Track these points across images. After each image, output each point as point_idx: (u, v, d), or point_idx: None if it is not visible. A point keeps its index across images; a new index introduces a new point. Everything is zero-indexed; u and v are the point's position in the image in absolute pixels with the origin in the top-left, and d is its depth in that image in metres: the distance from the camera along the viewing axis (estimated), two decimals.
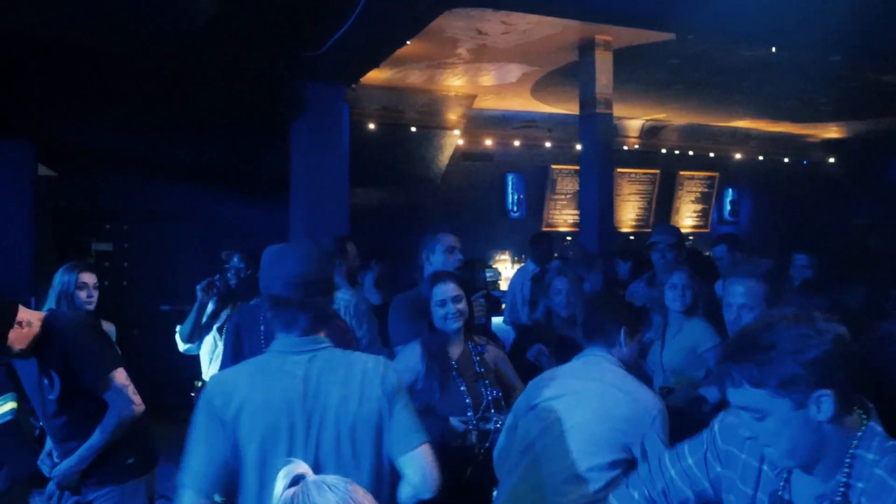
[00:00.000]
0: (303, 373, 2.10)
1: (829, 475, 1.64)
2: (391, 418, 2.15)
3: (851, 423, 1.64)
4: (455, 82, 9.53)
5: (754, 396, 1.62)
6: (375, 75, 8.44)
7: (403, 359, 3.39)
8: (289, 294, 2.12)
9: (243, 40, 6.41)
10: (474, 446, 3.29)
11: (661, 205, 12.83)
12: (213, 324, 4.97)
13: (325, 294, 2.23)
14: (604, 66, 7.73)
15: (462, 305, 3.41)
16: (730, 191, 13.66)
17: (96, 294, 4.51)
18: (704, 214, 13.35)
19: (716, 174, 13.27)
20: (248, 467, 2.05)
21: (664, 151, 12.67)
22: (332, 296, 2.37)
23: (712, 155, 13.07)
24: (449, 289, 3.38)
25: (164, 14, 5.67)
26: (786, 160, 13.74)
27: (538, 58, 8.43)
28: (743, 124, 12.65)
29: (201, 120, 7.54)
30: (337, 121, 7.50)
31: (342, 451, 2.08)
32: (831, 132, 13.35)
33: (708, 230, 13.07)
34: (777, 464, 1.73)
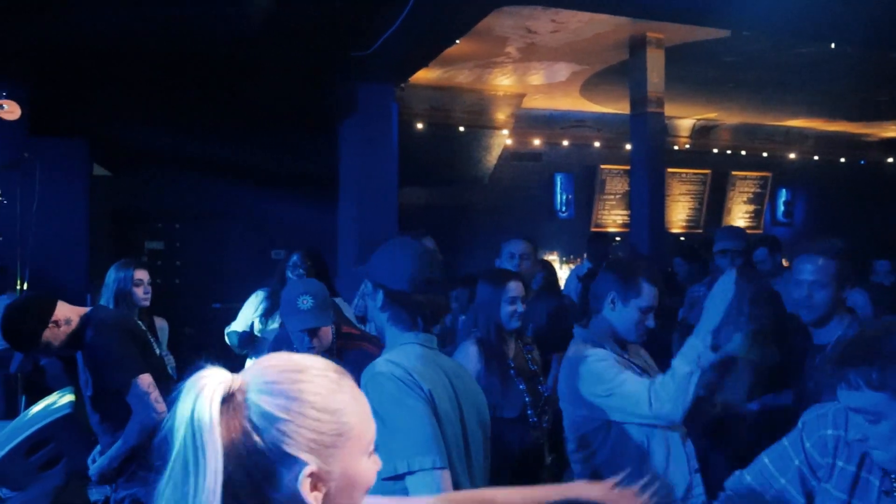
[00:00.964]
0: (443, 369, 2.10)
1: None
2: None
3: None
4: (503, 81, 9.49)
5: (872, 399, 1.62)
6: (424, 75, 8.45)
7: (462, 359, 3.35)
8: (415, 291, 2.10)
9: (294, 41, 6.47)
10: (536, 445, 3.28)
11: (713, 205, 12.60)
12: (268, 322, 4.93)
13: (443, 293, 2.26)
14: (655, 64, 7.62)
15: (524, 305, 3.40)
16: (783, 191, 13.36)
17: (151, 290, 4.54)
18: (757, 215, 13.08)
19: (769, 174, 12.99)
20: None
21: (716, 151, 12.45)
22: (448, 295, 2.35)
23: (765, 155, 12.80)
24: (518, 287, 3.37)
25: (218, 17, 5.74)
26: (842, 160, 13.39)
27: (588, 56, 8.35)
28: (797, 123, 12.37)
29: (252, 120, 7.63)
30: (386, 120, 7.51)
31: (481, 449, 2.13)
32: (891, 131, 12.98)
33: (761, 231, 12.79)
34: (888, 467, 1.73)
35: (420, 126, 9.77)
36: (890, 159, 13.66)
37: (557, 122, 11.24)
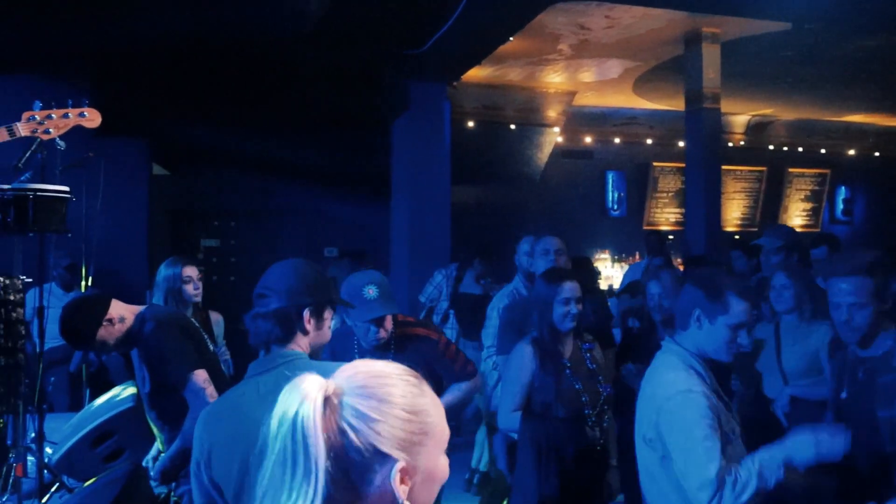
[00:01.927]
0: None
1: None
2: None
3: None
4: (555, 79, 9.44)
5: None
6: (475, 73, 8.45)
7: (517, 358, 3.34)
8: None
9: (348, 41, 6.53)
10: (594, 445, 3.24)
11: (769, 203, 12.36)
12: None
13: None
14: (711, 59, 7.49)
15: (581, 306, 3.35)
16: (843, 189, 13.04)
17: (201, 286, 4.57)
18: (815, 213, 12.79)
19: (827, 171, 12.69)
20: None
21: (772, 148, 12.21)
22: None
23: (823, 151, 12.51)
24: (574, 288, 3.33)
25: (273, 18, 5.83)
26: None
27: (641, 52, 8.26)
28: (857, 119, 12.05)
29: (307, 119, 7.72)
30: (438, 118, 7.54)
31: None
32: None
33: (819, 230, 12.50)
34: None
35: (471, 124, 9.77)
36: None
37: (609, 120, 11.15)
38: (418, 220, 7.27)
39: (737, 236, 11.66)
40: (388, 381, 1.17)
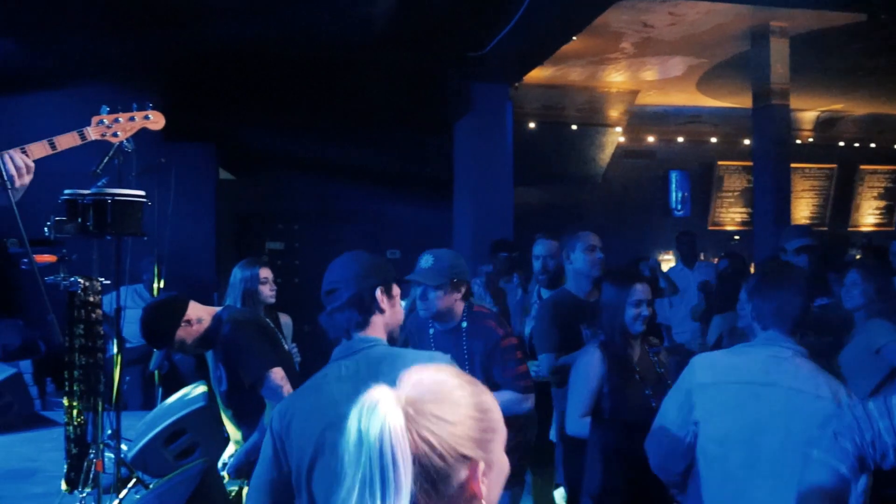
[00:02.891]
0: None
1: None
2: None
3: None
4: (617, 78, 9.33)
5: None
6: (536, 73, 8.41)
7: (585, 364, 3.28)
8: None
9: (410, 45, 6.57)
10: None
11: (839, 202, 12.00)
12: None
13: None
14: (779, 54, 7.31)
15: (651, 309, 3.29)
16: None
17: (276, 287, 4.64)
18: (889, 212, 12.36)
19: None
20: None
21: (842, 144, 11.84)
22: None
23: None
24: (645, 290, 3.27)
25: (339, 23, 5.89)
26: None
27: (705, 49, 8.11)
28: None
29: (369, 123, 7.80)
30: (500, 119, 7.53)
31: None
32: None
33: (893, 228, 12.09)
34: None
35: (532, 125, 9.73)
36: None
37: (672, 119, 10.98)
38: (481, 221, 7.26)
39: None
40: (451, 384, 1.21)
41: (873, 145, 11.96)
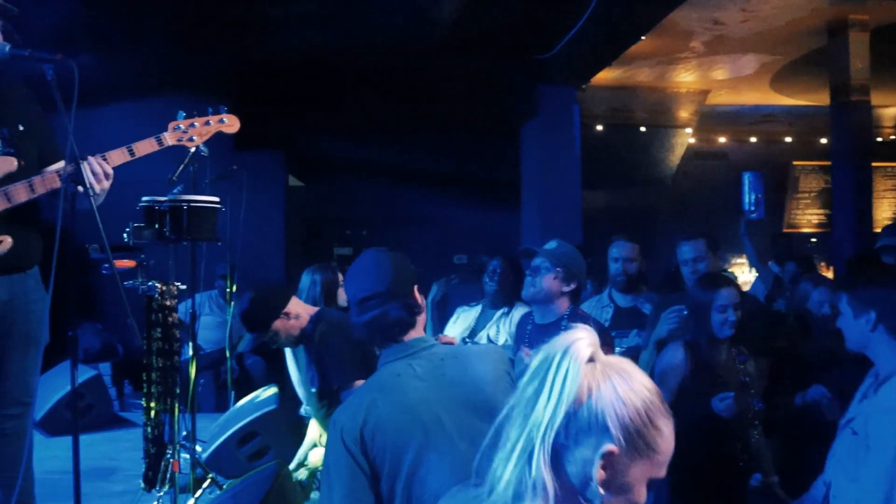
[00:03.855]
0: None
1: None
2: None
3: None
4: (686, 78, 9.16)
5: None
6: (603, 75, 8.31)
7: (667, 360, 3.23)
8: None
9: (476, 48, 6.56)
10: (735, 460, 3.09)
11: None
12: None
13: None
14: (859, 48, 7.07)
15: (739, 313, 3.20)
16: None
17: None
18: None
19: None
20: None
21: None
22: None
23: None
24: (731, 294, 3.19)
25: (406, 28, 5.92)
26: None
27: (779, 46, 7.90)
28: None
29: (435, 127, 7.82)
30: (568, 122, 7.46)
31: (479, 432, 2.13)
32: None
33: None
34: None
35: (600, 128, 9.62)
36: None
37: (744, 118, 10.72)
38: (549, 225, 7.20)
39: None
40: (638, 378, 1.22)
41: None
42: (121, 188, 3.02)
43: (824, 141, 9.75)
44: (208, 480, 4.03)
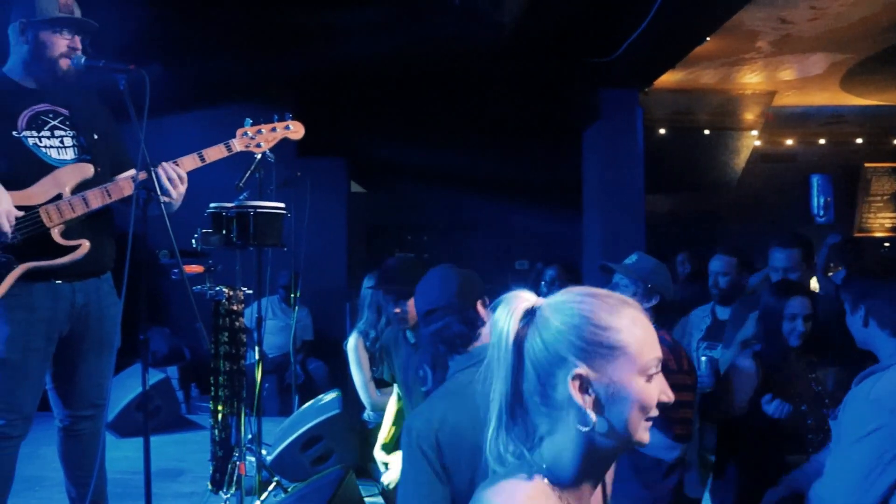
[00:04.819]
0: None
1: None
2: None
3: None
4: (752, 79, 8.95)
5: None
6: (666, 78, 8.18)
7: (736, 373, 3.15)
8: None
9: (537, 52, 6.52)
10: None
11: None
12: None
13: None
14: None
15: (810, 323, 3.10)
16: None
17: None
18: None
19: None
20: None
21: None
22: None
23: None
24: (803, 303, 3.09)
25: (468, 32, 5.92)
26: None
27: (850, 44, 7.65)
28: None
29: (496, 132, 7.81)
30: (630, 126, 7.36)
31: None
32: None
33: None
34: None
35: (663, 131, 9.48)
36: None
37: (813, 119, 10.43)
38: (612, 230, 7.11)
39: None
40: (587, 298, 1.29)
41: None
42: (189, 195, 3.09)
43: None
44: (273, 483, 4.08)
